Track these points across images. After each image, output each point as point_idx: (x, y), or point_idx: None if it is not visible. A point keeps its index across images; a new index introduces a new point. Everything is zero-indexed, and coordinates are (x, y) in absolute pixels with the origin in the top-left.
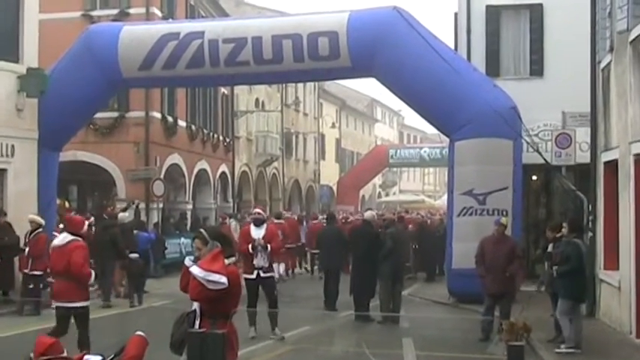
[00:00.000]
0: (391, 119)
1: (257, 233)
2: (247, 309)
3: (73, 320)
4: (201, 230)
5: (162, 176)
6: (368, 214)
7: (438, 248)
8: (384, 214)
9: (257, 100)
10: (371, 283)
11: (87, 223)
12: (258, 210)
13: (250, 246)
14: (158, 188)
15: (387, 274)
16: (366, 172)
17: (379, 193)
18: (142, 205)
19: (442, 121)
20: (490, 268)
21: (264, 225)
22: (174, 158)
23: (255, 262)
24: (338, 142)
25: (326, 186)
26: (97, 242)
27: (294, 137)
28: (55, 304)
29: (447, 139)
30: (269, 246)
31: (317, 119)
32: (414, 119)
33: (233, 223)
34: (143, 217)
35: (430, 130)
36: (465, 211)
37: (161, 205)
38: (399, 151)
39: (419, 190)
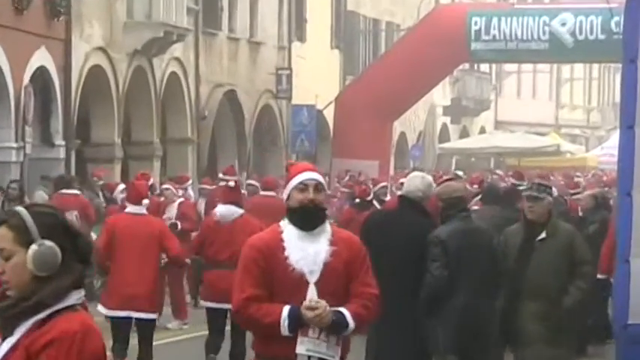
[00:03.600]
0: None
1: (308, 257)
2: None
3: None
4: (19, 210)
5: None
6: (412, 183)
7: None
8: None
9: None
10: (412, 353)
11: None
12: (310, 176)
13: (286, 314)
14: None
15: (448, 339)
16: (409, 73)
17: (443, 126)
18: None
19: None
20: None
21: (325, 231)
22: None
23: (302, 342)
24: None
25: (307, 108)
26: None
27: None
28: None
29: None
30: (347, 313)
31: None
32: None
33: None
34: None
35: None
36: None
37: None
38: (495, 20)
39: (545, 122)
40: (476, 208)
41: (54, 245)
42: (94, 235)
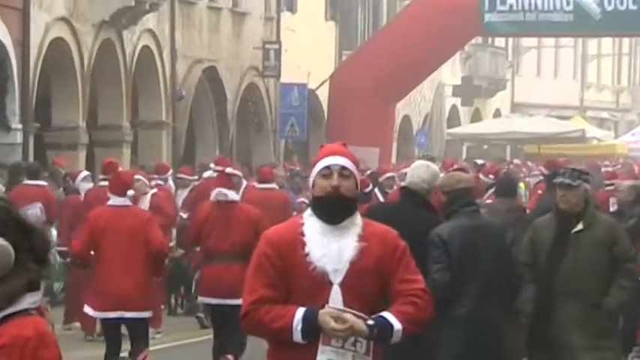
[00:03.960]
0: None
1: (332, 254)
2: None
3: None
4: None
5: None
6: (415, 173)
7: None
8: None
9: None
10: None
11: None
12: (332, 159)
13: (300, 317)
14: None
15: (451, 353)
16: (414, 48)
17: (453, 109)
18: None
19: None
20: None
21: (354, 224)
22: None
23: (323, 351)
24: None
25: (298, 87)
26: None
27: None
28: None
29: None
30: (388, 314)
31: None
32: None
33: None
34: None
35: None
36: None
37: None
38: None
39: (569, 104)
40: (489, 202)
41: (6, 243)
42: (53, 232)
